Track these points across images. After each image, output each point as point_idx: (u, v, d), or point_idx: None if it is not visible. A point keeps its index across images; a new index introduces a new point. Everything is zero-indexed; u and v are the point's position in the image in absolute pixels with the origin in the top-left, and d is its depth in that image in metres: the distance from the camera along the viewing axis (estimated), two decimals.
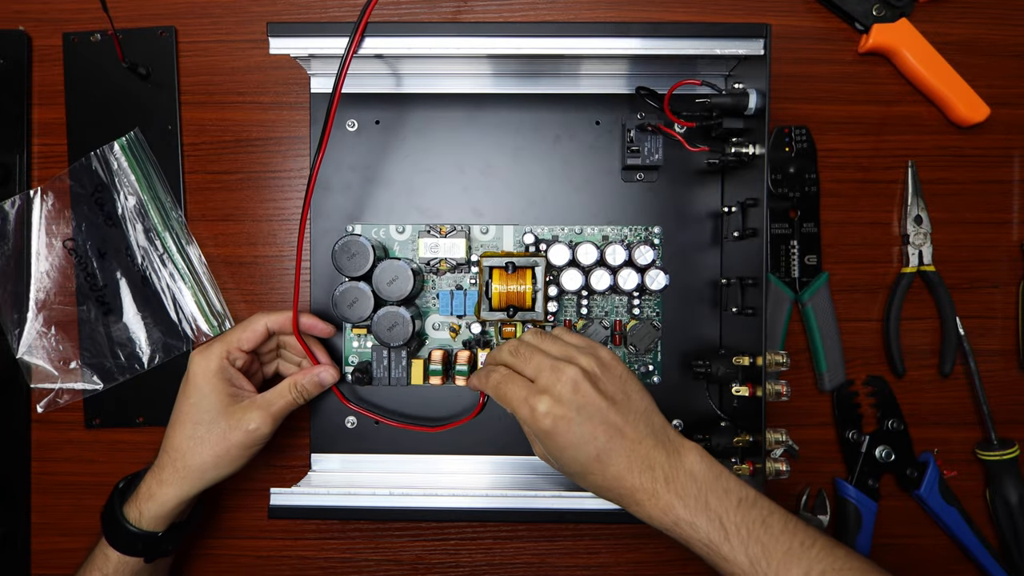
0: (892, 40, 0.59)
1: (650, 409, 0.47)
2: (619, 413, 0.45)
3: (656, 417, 0.47)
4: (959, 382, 0.61)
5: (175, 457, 0.51)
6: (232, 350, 0.52)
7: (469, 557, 0.61)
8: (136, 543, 0.50)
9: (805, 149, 0.60)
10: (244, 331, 0.53)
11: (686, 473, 0.44)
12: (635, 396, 0.47)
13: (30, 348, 0.60)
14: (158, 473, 0.51)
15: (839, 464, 0.61)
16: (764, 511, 0.43)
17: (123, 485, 0.53)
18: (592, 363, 0.46)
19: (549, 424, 0.44)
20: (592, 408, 0.45)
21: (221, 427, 0.50)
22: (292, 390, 0.53)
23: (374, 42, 0.50)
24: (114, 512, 0.51)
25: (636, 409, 0.46)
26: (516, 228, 0.59)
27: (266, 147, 0.61)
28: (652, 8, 0.61)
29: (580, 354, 0.47)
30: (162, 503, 0.50)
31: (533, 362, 0.47)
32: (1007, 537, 0.59)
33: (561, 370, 0.45)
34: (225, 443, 0.50)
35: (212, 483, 0.51)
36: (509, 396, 0.47)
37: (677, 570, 0.61)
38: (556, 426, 0.44)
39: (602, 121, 0.59)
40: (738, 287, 0.54)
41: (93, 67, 0.60)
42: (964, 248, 0.61)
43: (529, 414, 0.45)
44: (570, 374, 0.45)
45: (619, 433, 0.45)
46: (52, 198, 0.60)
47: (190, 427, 0.51)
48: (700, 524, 0.42)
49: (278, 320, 0.54)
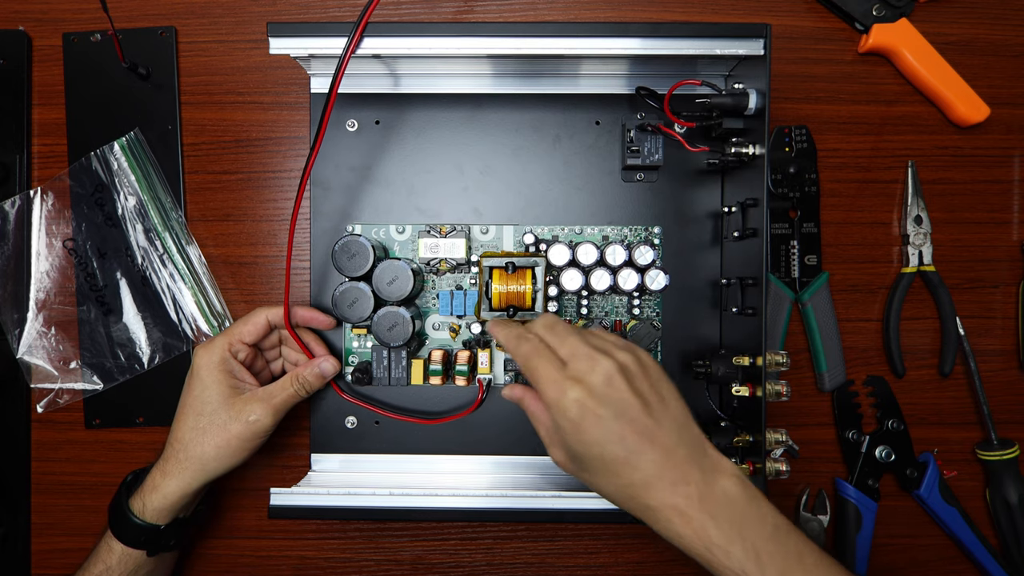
0: (892, 40, 0.59)
1: (687, 419, 0.44)
2: (653, 417, 0.42)
3: (693, 429, 0.43)
4: (959, 382, 0.61)
5: (178, 448, 0.51)
6: (234, 343, 0.53)
7: (469, 557, 0.61)
8: (139, 535, 0.51)
9: (805, 149, 0.60)
10: (245, 324, 0.53)
11: (722, 494, 0.41)
12: (672, 402, 0.44)
13: (30, 348, 0.60)
14: (162, 465, 0.52)
15: (839, 464, 0.61)
16: (800, 542, 0.40)
17: (131, 479, 0.54)
18: (630, 359, 0.44)
19: (576, 413, 0.41)
20: (624, 405, 0.42)
21: (222, 418, 0.51)
22: (294, 382, 0.53)
23: (373, 42, 0.50)
24: (120, 503, 0.51)
25: (672, 416, 0.43)
26: (516, 228, 0.59)
27: (266, 147, 0.61)
28: (652, 8, 0.61)
29: (618, 349, 0.44)
30: (165, 495, 0.50)
31: (568, 343, 0.44)
32: (1007, 537, 0.59)
33: (597, 360, 0.43)
34: (226, 434, 0.51)
35: (214, 475, 0.51)
36: (540, 372, 0.44)
37: (677, 570, 0.61)
38: (584, 417, 0.41)
39: (602, 121, 0.59)
40: (738, 287, 0.54)
41: (93, 67, 0.60)
42: (964, 248, 0.61)
43: (557, 397, 0.42)
44: (605, 366, 0.42)
45: (651, 438, 0.41)
46: (52, 198, 0.60)
47: (192, 418, 0.51)
48: (735, 552, 0.39)
49: (279, 313, 0.54)
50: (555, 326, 0.46)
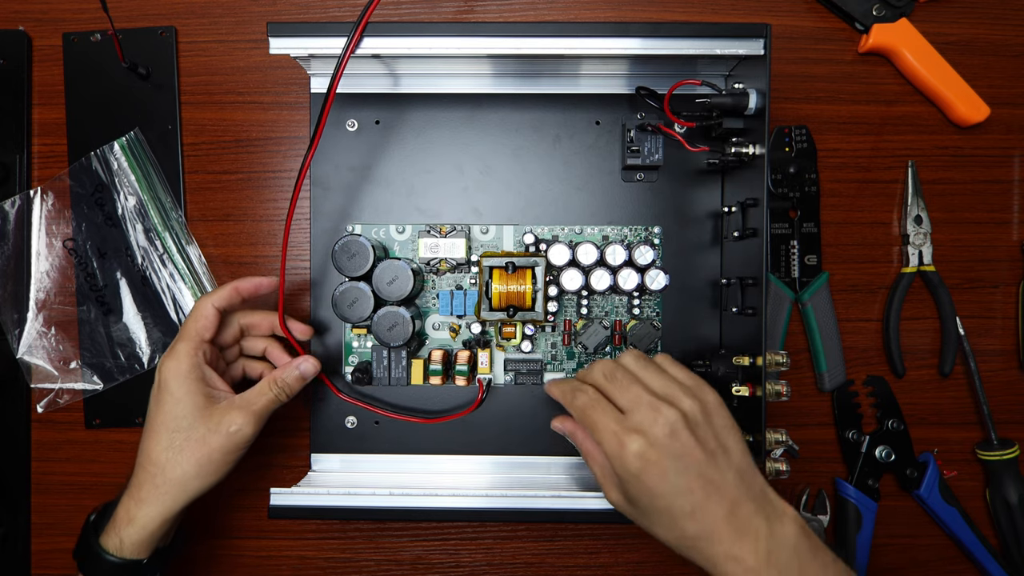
0: (892, 40, 0.59)
1: (750, 466, 0.43)
2: (717, 468, 0.41)
3: (756, 477, 0.43)
4: (959, 382, 0.61)
5: (153, 472, 0.47)
6: (197, 344, 0.48)
7: (469, 557, 0.61)
8: (119, 575, 0.46)
9: (805, 149, 0.60)
10: (197, 320, 0.49)
11: (787, 546, 0.40)
12: (734, 450, 0.43)
13: (30, 348, 0.60)
14: (135, 493, 0.47)
15: (839, 464, 0.61)
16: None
17: (95, 517, 0.49)
18: (695, 408, 0.43)
19: (638, 467, 0.41)
20: (690, 459, 0.41)
21: (200, 432, 0.47)
22: (272, 387, 0.50)
23: (373, 42, 0.50)
24: (90, 546, 0.47)
25: (735, 465, 0.42)
26: (516, 228, 0.59)
27: (266, 147, 0.61)
28: (652, 8, 0.61)
29: (684, 395, 0.43)
30: (143, 525, 0.46)
31: (631, 393, 0.43)
32: (1007, 537, 0.59)
33: (660, 410, 0.42)
34: (206, 448, 0.47)
35: (195, 495, 0.48)
36: (598, 425, 0.43)
37: (677, 570, 0.61)
38: (647, 471, 0.41)
39: (602, 121, 0.59)
40: (738, 287, 0.54)
41: (93, 67, 0.60)
42: (964, 248, 0.61)
43: (617, 451, 0.42)
44: (670, 417, 0.42)
45: (716, 490, 0.41)
46: (52, 198, 0.60)
47: (166, 436, 0.47)
48: None
49: (221, 296, 0.50)
50: (615, 372, 0.45)
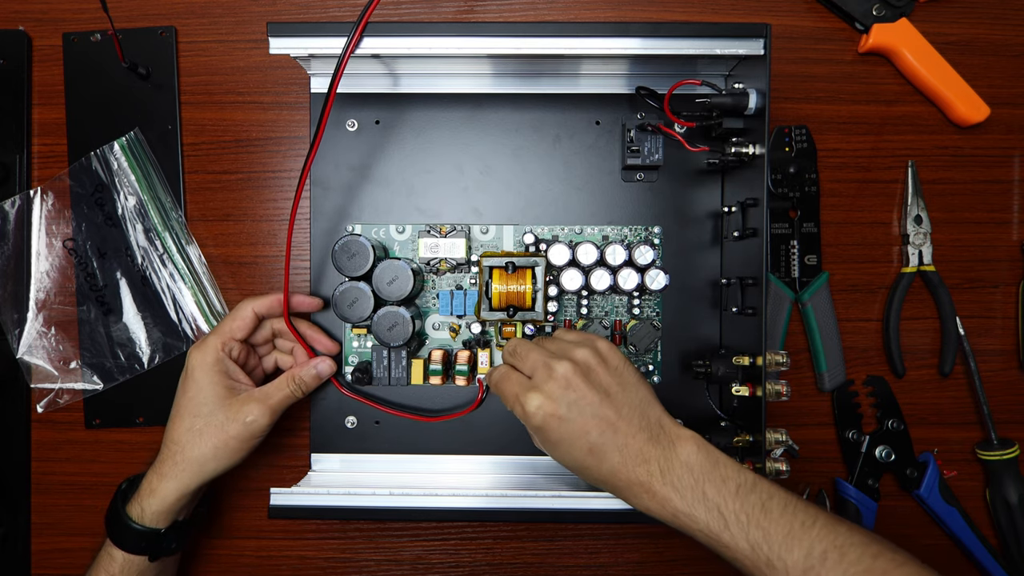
0: (892, 40, 0.59)
1: (646, 400, 0.47)
2: (612, 407, 0.45)
3: (652, 409, 0.46)
4: (959, 382, 0.61)
5: (175, 450, 0.51)
6: (227, 340, 0.52)
7: (469, 557, 0.61)
8: (139, 541, 0.51)
9: (805, 149, 0.60)
10: (234, 320, 0.53)
11: (682, 464, 0.44)
12: (631, 388, 0.47)
13: (30, 348, 0.60)
14: (159, 467, 0.51)
15: (839, 464, 0.61)
16: (763, 495, 0.42)
17: (126, 486, 0.53)
18: (588, 355, 0.47)
19: (539, 421, 0.45)
20: (584, 403, 0.45)
21: (219, 419, 0.51)
22: (290, 383, 0.53)
23: (373, 42, 0.50)
24: (117, 511, 0.51)
25: (631, 402, 0.46)
26: (516, 228, 0.59)
27: (266, 147, 0.61)
28: (652, 8, 0.61)
29: (576, 348, 0.47)
30: (163, 497, 0.50)
31: (529, 359, 0.48)
32: (1007, 537, 0.59)
33: (553, 367, 0.46)
34: (223, 435, 0.51)
35: (212, 476, 0.51)
36: (505, 393, 0.48)
37: (677, 570, 0.61)
38: (547, 423, 0.45)
39: (602, 121, 0.59)
40: (738, 287, 0.54)
41: (93, 67, 0.60)
42: (964, 248, 0.61)
43: (521, 411, 0.46)
44: (561, 370, 0.45)
45: (611, 427, 0.45)
46: (52, 198, 0.60)
47: (188, 420, 0.51)
48: (698, 515, 0.42)
49: (264, 303, 0.54)
50: (516, 348, 0.49)
